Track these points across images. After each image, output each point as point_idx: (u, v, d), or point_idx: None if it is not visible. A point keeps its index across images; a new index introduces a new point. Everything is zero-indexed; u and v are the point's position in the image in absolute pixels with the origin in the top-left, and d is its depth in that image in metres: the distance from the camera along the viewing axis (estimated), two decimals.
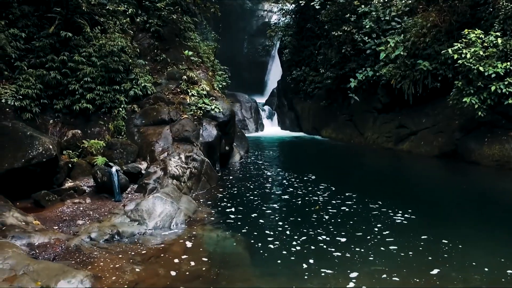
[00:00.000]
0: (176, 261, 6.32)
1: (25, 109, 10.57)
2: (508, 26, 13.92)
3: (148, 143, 11.10)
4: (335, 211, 8.85)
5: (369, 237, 7.34)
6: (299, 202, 9.65)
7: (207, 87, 13.24)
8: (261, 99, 31.23)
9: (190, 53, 13.92)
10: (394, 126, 18.82)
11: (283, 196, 10.21)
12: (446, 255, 6.53)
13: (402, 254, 6.58)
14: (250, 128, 25.08)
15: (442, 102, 16.53)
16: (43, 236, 6.76)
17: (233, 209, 9.16)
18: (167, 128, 11.55)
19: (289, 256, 6.55)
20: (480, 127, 14.90)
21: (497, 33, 13.71)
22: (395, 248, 6.82)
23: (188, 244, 7.03)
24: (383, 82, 18.70)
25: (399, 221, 8.24)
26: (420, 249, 6.80)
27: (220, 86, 14.97)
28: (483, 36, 13.90)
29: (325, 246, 6.91)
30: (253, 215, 8.77)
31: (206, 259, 6.46)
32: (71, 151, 10.61)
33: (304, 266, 6.16)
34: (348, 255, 6.55)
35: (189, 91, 12.87)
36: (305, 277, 5.87)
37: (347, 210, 8.96)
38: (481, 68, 13.34)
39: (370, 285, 5.62)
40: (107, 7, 12.83)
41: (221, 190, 10.81)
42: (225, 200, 9.92)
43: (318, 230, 7.65)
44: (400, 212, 8.69)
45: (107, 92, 11.86)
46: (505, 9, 14.03)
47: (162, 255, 6.53)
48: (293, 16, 27.45)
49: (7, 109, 10.41)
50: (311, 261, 6.31)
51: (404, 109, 18.61)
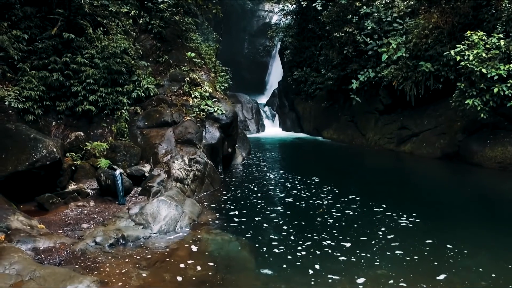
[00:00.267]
0: (182, 266, 6.31)
1: (28, 111, 10.56)
2: (511, 28, 13.91)
3: (151, 145, 11.08)
4: (339, 215, 8.84)
5: (374, 242, 7.33)
6: (303, 205, 9.63)
7: (210, 89, 13.23)
8: (262, 100, 31.17)
9: (193, 55, 13.91)
10: (396, 128, 18.77)
11: (287, 199, 10.19)
12: (452, 260, 6.53)
13: (408, 259, 6.58)
14: (251, 129, 25.03)
15: (444, 104, 16.53)
16: (48, 240, 6.76)
17: (237, 212, 9.15)
18: (170, 130, 11.53)
19: (295, 261, 6.54)
20: (483, 129, 14.90)
21: (500, 35, 13.71)
22: (401, 253, 6.82)
23: (193, 248, 7.02)
24: (385, 84, 18.65)
25: (404, 225, 8.24)
26: (426, 254, 6.80)
27: (223, 88, 14.94)
28: (486, 38, 13.89)
29: (330, 251, 6.90)
30: (257, 218, 8.76)
31: (212, 264, 6.45)
32: (74, 153, 10.60)
33: (310, 272, 6.15)
34: (354, 260, 6.55)
35: (192, 93, 12.85)
36: (312, 283, 5.86)
37: (351, 214, 8.95)
38: (484, 70, 13.33)
39: None
40: (110, 9, 12.79)
41: (225, 193, 10.80)
42: (229, 203, 9.91)
43: (323, 235, 7.65)
44: (405, 216, 8.68)
45: (110, 94, 11.84)
46: (508, 11, 14.02)
47: (168, 260, 6.53)
48: (294, 17, 27.35)
49: (10, 111, 10.41)
50: (317, 267, 6.30)
51: (406, 111, 18.59)
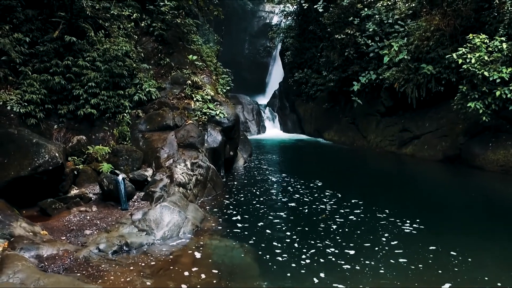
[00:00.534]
0: (186, 274, 6.29)
1: (30, 115, 10.55)
2: None
3: (153, 149, 11.05)
4: (343, 221, 8.82)
5: (378, 248, 7.31)
6: (306, 211, 9.60)
7: (212, 92, 13.20)
8: (262, 100, 31.15)
9: (194, 58, 13.88)
10: (397, 130, 18.75)
11: (290, 204, 10.17)
12: (457, 269, 6.50)
13: (412, 267, 6.55)
14: (252, 130, 25.01)
15: (446, 106, 16.52)
16: (52, 248, 6.73)
17: (240, 218, 9.13)
18: (172, 134, 11.51)
19: (299, 270, 6.51)
20: (485, 132, 14.89)
21: (502, 38, 13.69)
22: (405, 261, 6.79)
23: (197, 255, 7.00)
24: (386, 86, 18.62)
25: (407, 231, 8.21)
26: (430, 262, 6.77)
27: (224, 91, 14.91)
28: (488, 41, 13.87)
29: (334, 259, 6.88)
30: (260, 224, 8.74)
31: (216, 271, 6.43)
32: (76, 157, 10.57)
33: (315, 281, 6.13)
34: (358, 268, 6.52)
35: (194, 96, 12.82)
36: None
37: (354, 219, 8.91)
38: (486, 73, 13.32)
39: None
40: (112, 12, 12.75)
41: (227, 197, 10.79)
42: (231, 208, 9.89)
43: (326, 242, 7.62)
44: (408, 222, 8.66)
45: (112, 97, 11.82)
46: (510, 14, 14.01)
47: (172, 267, 6.51)
48: (295, 18, 27.30)
49: (12, 115, 10.40)
50: (322, 275, 6.27)
51: (408, 113, 18.56)
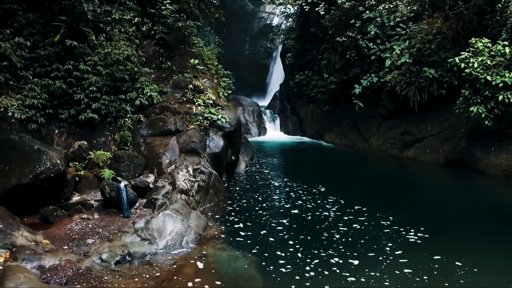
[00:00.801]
0: (190, 285, 6.25)
1: (31, 120, 10.51)
2: None
3: (155, 155, 11.00)
4: (346, 229, 8.75)
5: (382, 258, 7.25)
6: (309, 218, 9.54)
7: (213, 96, 13.14)
8: (263, 102, 31.10)
9: (196, 62, 13.81)
10: (399, 133, 18.68)
11: (292, 211, 10.09)
12: (462, 281, 6.44)
13: (417, 279, 6.49)
14: (253, 132, 24.94)
15: (448, 109, 16.44)
16: (54, 258, 6.67)
17: (242, 225, 9.08)
18: (174, 139, 11.45)
19: (303, 282, 6.45)
20: (487, 136, 14.83)
21: (505, 42, 13.62)
22: (410, 272, 6.74)
23: (200, 265, 6.95)
24: (388, 89, 18.55)
25: (412, 240, 8.14)
26: (435, 273, 6.71)
27: (226, 95, 14.84)
28: (491, 45, 13.81)
29: (338, 270, 6.81)
30: (263, 232, 8.68)
31: (219, 282, 6.39)
32: (78, 163, 10.52)
33: None
34: (363, 280, 6.46)
35: (195, 101, 12.76)
36: None
37: (358, 228, 8.85)
38: (489, 77, 13.26)
39: None
40: (113, 16, 12.68)
41: (230, 203, 10.74)
42: (234, 214, 9.84)
43: (330, 251, 7.57)
44: (412, 230, 8.59)
45: (113, 102, 11.78)
46: None
47: (175, 278, 6.46)
48: (296, 20, 27.19)
49: (13, 120, 10.35)
50: None
51: (409, 116, 18.49)
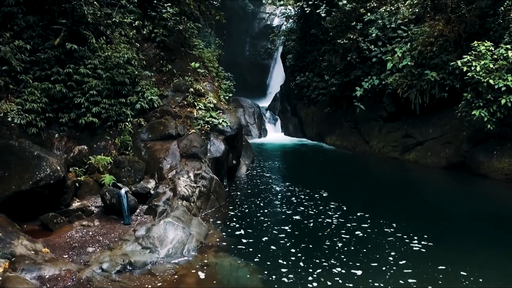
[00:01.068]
0: None
1: (31, 124, 10.45)
2: None
3: (156, 160, 10.91)
4: (348, 237, 8.65)
5: (385, 268, 7.16)
6: (311, 225, 9.45)
7: (214, 100, 13.05)
8: (263, 103, 30.94)
9: (197, 65, 13.72)
10: (400, 136, 18.58)
11: (294, 217, 9.99)
12: None
13: None
14: (254, 134, 24.83)
15: (450, 112, 16.33)
16: (54, 267, 6.60)
17: (244, 232, 9.00)
18: (175, 144, 11.36)
19: None
20: (489, 139, 14.73)
21: (508, 46, 13.53)
22: (414, 282, 6.65)
23: (202, 275, 6.87)
24: (389, 91, 18.45)
25: (416, 249, 8.03)
26: (440, 283, 6.63)
27: (227, 98, 14.75)
28: (493, 48, 13.73)
29: (342, 281, 6.71)
30: (265, 239, 8.60)
31: None
32: (78, 168, 10.44)
33: None
34: None
35: (196, 104, 12.68)
36: None
37: (360, 235, 8.75)
38: (491, 81, 13.17)
39: None
40: (113, 19, 12.59)
41: (231, 208, 10.66)
42: (235, 220, 9.76)
43: (332, 261, 7.47)
44: (416, 238, 8.49)
45: (113, 106, 11.70)
46: None
47: None
48: (296, 21, 27.07)
49: (12, 124, 10.28)
50: None
51: (411, 118, 18.38)
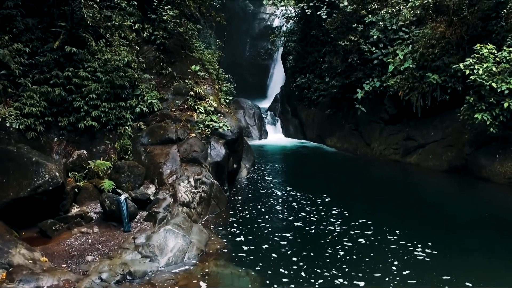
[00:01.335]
0: None
1: (30, 128, 10.36)
2: None
3: (156, 165, 10.80)
4: (351, 245, 8.52)
5: (389, 279, 7.04)
6: (313, 231, 9.33)
7: (215, 103, 12.93)
8: (263, 104, 30.80)
9: (197, 68, 13.61)
10: (402, 138, 18.46)
11: (295, 224, 9.86)
12: None
13: None
14: (254, 136, 24.68)
15: (451, 115, 16.23)
16: (52, 278, 6.49)
17: (245, 239, 8.89)
18: (175, 148, 11.26)
19: None
20: (491, 143, 14.64)
21: (510, 48, 13.41)
22: None
23: (203, 285, 6.77)
24: (390, 93, 18.33)
25: (420, 258, 7.90)
26: None
27: (227, 101, 14.64)
28: (496, 51, 13.62)
29: None
30: (266, 247, 8.49)
31: None
32: (77, 173, 10.34)
33: None
34: None
35: (197, 108, 12.57)
36: None
37: (363, 243, 8.62)
38: (494, 84, 13.07)
39: None
40: (113, 22, 12.47)
41: (232, 213, 10.54)
42: (236, 226, 9.66)
43: (334, 271, 7.34)
44: (420, 246, 8.37)
45: (113, 109, 11.61)
46: None
47: None
48: (297, 22, 26.92)
49: (11, 129, 10.17)
50: None
51: (412, 121, 18.26)
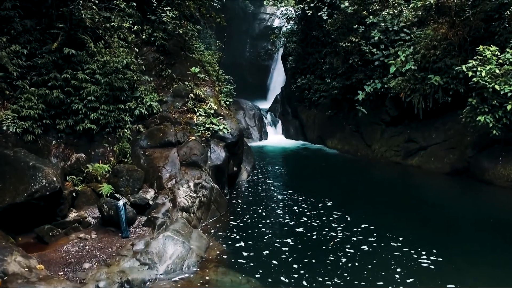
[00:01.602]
0: None
1: (27, 131, 10.27)
2: None
3: (155, 168, 10.66)
4: (353, 251, 8.37)
5: None
6: (314, 237, 9.17)
7: (214, 105, 12.79)
8: (264, 105, 30.67)
9: (197, 70, 13.46)
10: (403, 140, 18.31)
11: (297, 229, 9.70)
12: None
13: None
14: (254, 137, 24.54)
15: (453, 117, 16.10)
16: (48, 287, 6.34)
17: (245, 244, 8.75)
18: (174, 151, 11.12)
19: None
20: (494, 145, 14.51)
21: None
22: None
23: None
24: (392, 95, 18.18)
25: (424, 265, 7.74)
26: None
27: (227, 103, 14.49)
28: (499, 53, 13.49)
29: None
30: (266, 253, 8.35)
31: None
32: (75, 177, 10.20)
33: None
34: None
35: (196, 110, 12.42)
36: None
37: (366, 249, 8.47)
38: (497, 87, 12.95)
39: None
40: (112, 23, 12.33)
41: (232, 218, 10.40)
42: (236, 231, 9.52)
43: (336, 279, 7.19)
44: (424, 253, 8.20)
45: (112, 112, 11.48)
46: None
47: None
48: (297, 23, 26.75)
49: (8, 132, 10.05)
50: None
51: (413, 123, 18.12)
